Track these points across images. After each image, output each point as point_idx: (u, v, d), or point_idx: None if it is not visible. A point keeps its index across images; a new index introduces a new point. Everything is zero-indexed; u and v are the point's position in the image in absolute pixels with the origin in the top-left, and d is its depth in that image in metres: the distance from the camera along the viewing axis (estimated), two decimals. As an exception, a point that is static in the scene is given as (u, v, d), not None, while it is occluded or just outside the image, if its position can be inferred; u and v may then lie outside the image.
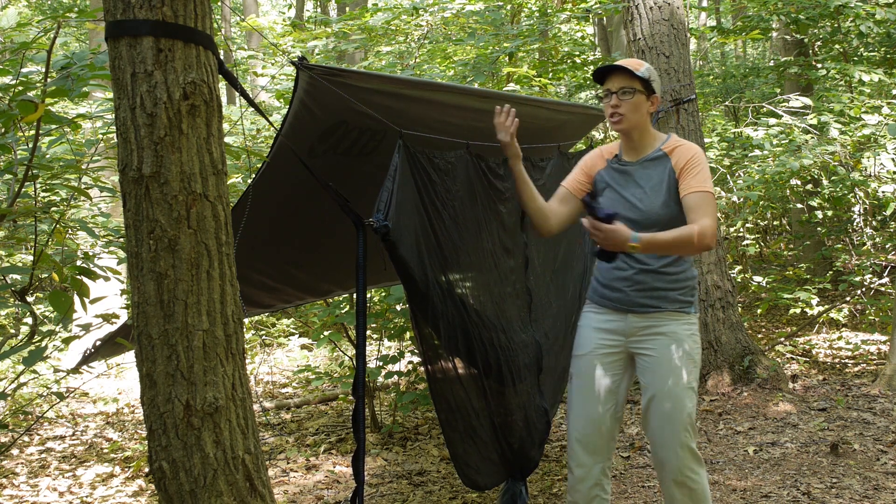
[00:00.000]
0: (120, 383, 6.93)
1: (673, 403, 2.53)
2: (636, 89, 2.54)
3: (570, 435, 2.67)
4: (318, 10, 18.43)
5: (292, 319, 8.50)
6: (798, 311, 6.70)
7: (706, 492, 2.60)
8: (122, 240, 3.56)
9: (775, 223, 10.72)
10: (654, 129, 2.65)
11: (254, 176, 2.79)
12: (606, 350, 2.64)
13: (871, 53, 8.30)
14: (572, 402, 2.69)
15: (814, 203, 7.61)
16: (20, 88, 2.56)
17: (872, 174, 6.61)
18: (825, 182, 7.39)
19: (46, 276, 2.96)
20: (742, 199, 7.35)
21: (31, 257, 4.04)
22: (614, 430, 2.67)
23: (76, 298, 2.71)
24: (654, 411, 2.57)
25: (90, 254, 3.31)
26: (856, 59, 7.91)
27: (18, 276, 3.18)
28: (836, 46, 8.25)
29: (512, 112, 2.65)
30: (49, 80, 2.60)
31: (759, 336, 7.25)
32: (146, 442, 2.49)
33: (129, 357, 6.46)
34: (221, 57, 2.04)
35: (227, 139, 3.83)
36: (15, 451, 4.93)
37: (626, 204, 2.57)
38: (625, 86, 2.53)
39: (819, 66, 7.92)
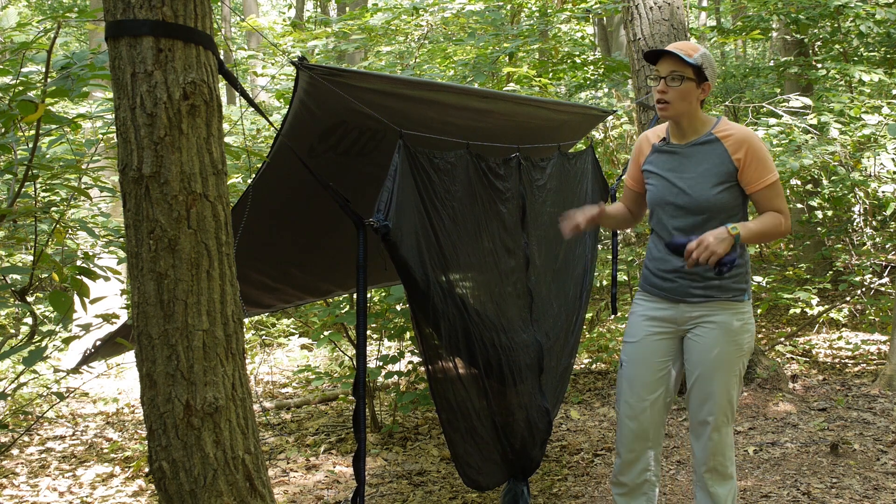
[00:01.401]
0: (120, 383, 6.93)
1: (715, 387, 2.55)
2: (685, 76, 2.47)
3: (621, 420, 2.70)
4: (318, 10, 18.43)
5: (292, 319, 8.50)
6: (798, 311, 6.70)
7: (735, 485, 2.64)
8: (122, 240, 3.56)
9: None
10: (703, 114, 2.58)
11: (254, 176, 2.79)
12: (658, 337, 2.65)
13: (871, 53, 8.29)
14: (622, 388, 2.71)
15: (814, 203, 7.60)
16: (20, 88, 2.56)
17: (872, 174, 6.61)
18: (825, 182, 7.39)
19: (46, 276, 2.96)
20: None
21: (31, 257, 4.04)
22: (663, 416, 2.70)
23: (76, 298, 2.71)
24: (697, 393, 2.59)
25: (90, 254, 3.30)
26: (856, 59, 7.90)
27: (18, 276, 3.19)
28: (836, 46, 8.24)
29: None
30: (49, 80, 2.60)
31: (759, 336, 7.25)
32: (146, 442, 2.49)
33: (129, 357, 6.46)
34: (221, 57, 2.04)
35: (227, 139, 3.83)
36: (15, 451, 4.93)
37: (674, 190, 2.54)
38: (674, 71, 2.47)
39: (819, 66, 7.92)
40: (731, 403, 2.58)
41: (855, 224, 7.40)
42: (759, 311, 7.31)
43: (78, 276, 2.70)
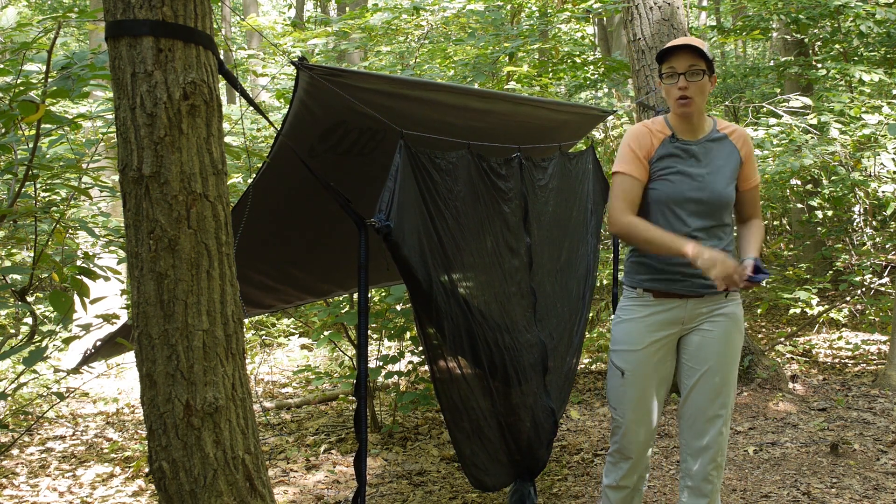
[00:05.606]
0: (120, 383, 6.93)
1: (724, 378, 2.55)
2: (703, 70, 2.43)
3: (628, 427, 2.62)
4: (318, 10, 18.43)
5: (292, 319, 8.50)
6: (798, 311, 6.70)
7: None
8: (122, 240, 3.56)
9: (775, 223, 10.72)
10: None
11: (254, 176, 2.79)
12: (662, 342, 2.59)
13: (871, 53, 8.29)
14: (627, 394, 2.61)
15: (814, 203, 7.60)
16: (21, 88, 2.56)
17: (872, 174, 6.61)
18: (825, 182, 7.39)
19: (46, 276, 2.96)
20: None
21: (31, 257, 4.04)
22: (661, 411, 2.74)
23: (76, 298, 2.71)
24: (707, 388, 2.56)
25: (90, 254, 3.30)
26: (856, 59, 7.90)
27: (18, 276, 3.19)
28: (836, 46, 8.24)
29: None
30: (49, 80, 2.60)
31: (759, 336, 7.24)
32: (146, 442, 2.49)
33: (129, 357, 6.46)
34: (221, 57, 2.04)
35: (227, 139, 3.83)
36: (15, 451, 4.93)
37: (694, 184, 2.48)
38: (693, 65, 2.42)
39: (819, 66, 7.92)
40: (734, 395, 2.64)
41: (855, 224, 7.40)
42: (759, 311, 7.31)
43: (78, 276, 2.70)
